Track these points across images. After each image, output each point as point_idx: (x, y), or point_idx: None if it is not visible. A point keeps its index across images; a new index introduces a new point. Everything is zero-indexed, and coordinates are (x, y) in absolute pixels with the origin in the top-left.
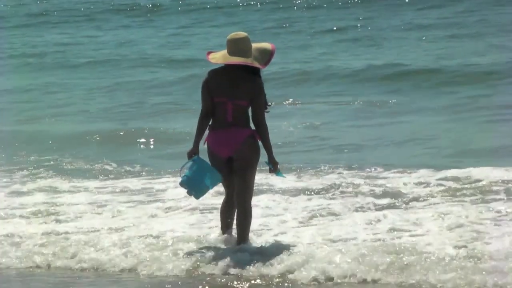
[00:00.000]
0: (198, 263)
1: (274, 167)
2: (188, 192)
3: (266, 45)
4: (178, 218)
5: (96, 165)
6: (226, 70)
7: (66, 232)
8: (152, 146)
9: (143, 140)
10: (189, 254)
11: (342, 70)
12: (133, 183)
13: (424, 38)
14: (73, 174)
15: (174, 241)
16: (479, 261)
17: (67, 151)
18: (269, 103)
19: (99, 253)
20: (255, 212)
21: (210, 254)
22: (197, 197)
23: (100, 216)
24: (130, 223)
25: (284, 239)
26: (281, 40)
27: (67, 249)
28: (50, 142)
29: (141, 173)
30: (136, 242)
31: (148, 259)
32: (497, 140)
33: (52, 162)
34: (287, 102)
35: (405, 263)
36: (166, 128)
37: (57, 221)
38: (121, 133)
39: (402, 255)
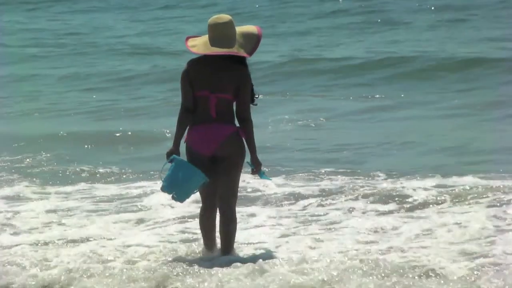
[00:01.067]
0: (173, 283)
1: (256, 168)
2: (172, 197)
3: (252, 28)
4: (151, 229)
5: (68, 168)
6: (207, 59)
7: (15, 246)
8: (131, 147)
9: (121, 140)
10: (161, 269)
11: (343, 60)
12: (106, 188)
13: (436, 21)
14: (40, 178)
15: (143, 255)
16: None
17: (35, 153)
18: (257, 95)
19: (50, 270)
20: (240, 221)
21: (186, 268)
22: (181, 200)
23: (60, 227)
24: (93, 235)
25: (272, 252)
26: (274, 24)
27: (15, 266)
28: (16, 142)
29: (116, 177)
30: (97, 257)
31: (111, 276)
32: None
33: (18, 164)
34: (279, 95)
35: (405, 283)
36: (147, 127)
37: (13, 233)
38: (96, 132)
39: (402, 272)
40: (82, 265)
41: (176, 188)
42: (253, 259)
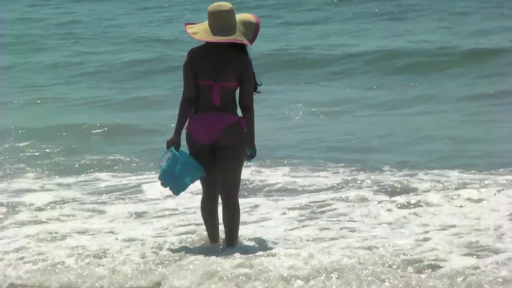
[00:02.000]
0: (167, 278)
1: (253, 155)
2: (170, 188)
3: (249, 17)
4: (150, 222)
5: (72, 159)
6: (208, 48)
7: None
8: (138, 138)
9: (128, 131)
10: (156, 263)
11: (351, 50)
12: (109, 180)
13: (447, 10)
14: (45, 169)
15: (140, 248)
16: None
17: (41, 144)
18: (259, 83)
19: (36, 266)
20: (244, 212)
21: (183, 261)
22: (176, 193)
23: (59, 220)
24: (90, 228)
25: (275, 245)
26: (279, 13)
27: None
28: (22, 132)
29: (120, 169)
30: (90, 252)
31: (103, 271)
32: None
33: (22, 154)
34: (284, 85)
35: (411, 277)
36: (152, 117)
37: (8, 226)
38: (103, 123)
39: (409, 266)
40: (73, 260)
41: (173, 181)
42: (255, 250)
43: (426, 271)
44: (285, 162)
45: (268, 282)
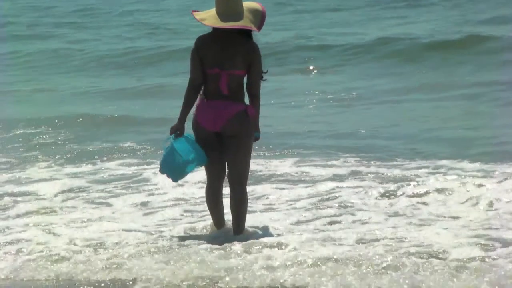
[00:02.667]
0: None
1: (257, 138)
2: (168, 175)
3: (255, 5)
4: (157, 211)
5: (81, 148)
6: (216, 35)
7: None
8: (145, 127)
9: (135, 119)
10: (157, 254)
11: (365, 41)
12: (116, 168)
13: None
14: (54, 158)
15: (139, 240)
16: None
17: (49, 133)
18: (265, 71)
19: (32, 256)
20: (252, 201)
21: (182, 252)
22: (174, 180)
23: (62, 211)
24: (93, 218)
25: (280, 235)
26: (290, 2)
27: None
28: (28, 120)
29: (128, 157)
30: (87, 242)
31: (95, 264)
32: None
33: (29, 143)
34: (294, 74)
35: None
36: (163, 107)
37: (5, 218)
38: (111, 112)
39: (415, 259)
40: (71, 251)
41: (171, 168)
42: (259, 239)
43: (433, 261)
44: (295, 153)
45: (261, 271)
